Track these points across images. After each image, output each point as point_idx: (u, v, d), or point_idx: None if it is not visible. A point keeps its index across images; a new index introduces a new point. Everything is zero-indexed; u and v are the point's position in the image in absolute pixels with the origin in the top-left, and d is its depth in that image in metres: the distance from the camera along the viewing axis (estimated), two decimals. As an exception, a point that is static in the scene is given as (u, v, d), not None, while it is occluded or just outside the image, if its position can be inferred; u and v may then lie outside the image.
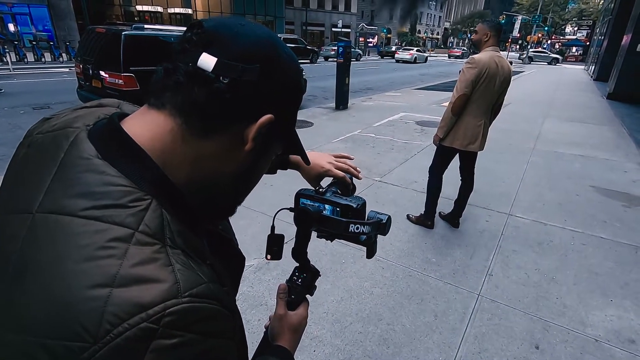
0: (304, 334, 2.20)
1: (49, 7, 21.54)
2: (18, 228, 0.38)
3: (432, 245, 2.90)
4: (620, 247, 2.93)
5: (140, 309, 0.32)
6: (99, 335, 0.31)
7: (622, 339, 2.02)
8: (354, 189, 0.80)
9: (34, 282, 0.34)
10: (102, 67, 5.39)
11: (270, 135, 0.47)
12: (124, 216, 0.37)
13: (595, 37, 25.19)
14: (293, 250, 0.71)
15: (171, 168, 0.43)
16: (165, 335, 0.33)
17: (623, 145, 6.09)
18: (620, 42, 12.60)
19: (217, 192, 0.49)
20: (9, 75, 12.29)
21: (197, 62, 0.41)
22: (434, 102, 9.65)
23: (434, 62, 33.13)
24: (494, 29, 2.63)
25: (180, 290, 0.35)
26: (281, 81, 0.46)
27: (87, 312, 0.32)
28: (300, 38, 26.08)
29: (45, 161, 0.42)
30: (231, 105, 0.42)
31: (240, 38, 0.43)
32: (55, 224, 0.36)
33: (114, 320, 0.32)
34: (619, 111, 9.24)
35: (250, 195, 0.56)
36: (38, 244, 0.36)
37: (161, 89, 0.43)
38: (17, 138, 0.49)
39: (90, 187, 0.38)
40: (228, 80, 0.41)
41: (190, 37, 0.42)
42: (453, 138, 2.79)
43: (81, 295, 0.32)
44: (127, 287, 0.33)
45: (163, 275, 0.35)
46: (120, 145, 0.42)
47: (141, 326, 0.32)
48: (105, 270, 0.33)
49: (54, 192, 0.39)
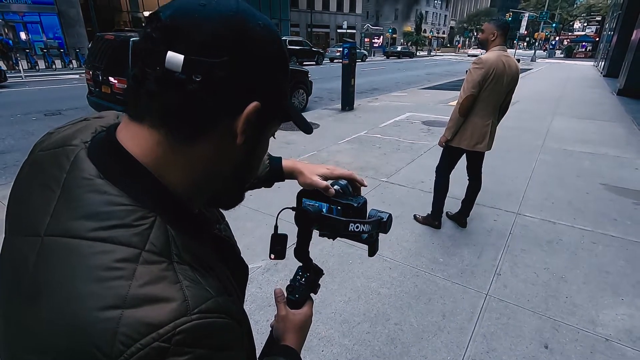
0: (313, 334, 2.20)
1: (59, 15, 21.95)
2: (28, 251, 0.39)
3: (439, 245, 2.90)
4: (632, 245, 2.90)
5: (152, 329, 0.33)
6: (112, 355, 0.32)
7: (633, 338, 2.00)
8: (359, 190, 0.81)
9: (47, 304, 0.35)
10: (111, 73, 5.49)
11: (261, 118, 0.44)
12: (129, 236, 0.37)
13: (604, 32, 24.82)
14: (295, 249, 0.72)
15: (168, 178, 0.43)
16: (176, 352, 0.34)
17: (634, 141, 5.99)
18: (630, 37, 12.41)
19: (219, 188, 0.49)
20: (21, 83, 12.57)
21: (164, 64, 0.37)
22: (441, 102, 9.60)
23: (441, 61, 32.95)
24: (500, 27, 2.62)
25: (189, 307, 0.35)
26: (259, 59, 0.41)
27: (100, 333, 0.33)
28: (305, 40, 26.17)
29: (48, 182, 0.42)
30: (210, 104, 0.39)
31: (204, 23, 0.38)
32: (64, 247, 0.37)
33: (127, 341, 0.32)
34: (630, 107, 9.09)
35: (257, 197, 0.58)
36: (48, 267, 0.37)
37: (135, 98, 0.41)
38: (30, 144, 0.51)
39: (94, 208, 0.38)
40: (201, 77, 0.37)
41: (150, 34, 0.39)
42: (460, 138, 2.78)
43: (93, 317, 0.33)
44: (138, 307, 0.34)
45: (172, 293, 0.35)
46: (119, 162, 0.42)
47: (153, 345, 0.33)
48: (116, 292, 0.34)
49: (60, 215, 0.39)
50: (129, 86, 0.41)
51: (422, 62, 31.31)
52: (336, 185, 0.70)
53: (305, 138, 5.83)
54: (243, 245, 2.75)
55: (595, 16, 47.31)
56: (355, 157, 5.04)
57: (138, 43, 0.41)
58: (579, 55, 41.50)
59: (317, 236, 0.72)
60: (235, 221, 3.21)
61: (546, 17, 37.46)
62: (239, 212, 3.20)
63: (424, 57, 44.02)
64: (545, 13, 36.99)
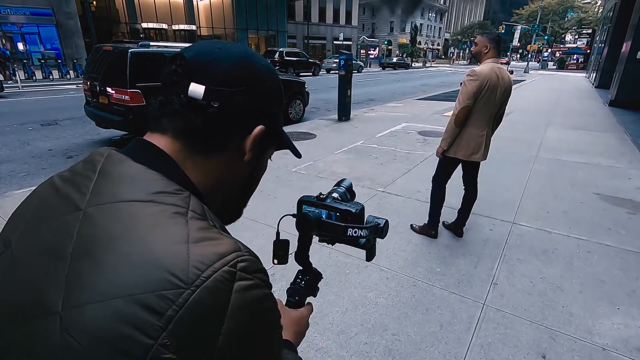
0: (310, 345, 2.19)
1: (57, 27, 22.10)
2: (68, 225, 0.40)
3: (436, 254, 2.91)
4: (626, 255, 2.92)
5: (220, 256, 0.38)
6: (189, 279, 0.35)
7: (630, 348, 2.00)
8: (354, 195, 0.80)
9: (108, 254, 0.37)
10: (109, 84, 5.52)
11: (264, 141, 0.53)
12: (175, 200, 0.42)
13: (595, 45, 25.32)
14: (296, 254, 0.75)
15: (190, 176, 0.48)
16: (242, 277, 0.38)
17: (627, 152, 6.08)
18: (620, 49, 12.66)
19: (226, 199, 0.56)
20: (18, 93, 12.56)
21: (187, 92, 0.46)
22: (436, 112, 9.70)
23: (436, 73, 33.39)
24: (493, 40, 2.68)
25: (241, 247, 0.41)
26: (264, 92, 0.52)
27: (173, 262, 0.36)
28: (302, 51, 26.44)
29: (80, 177, 0.45)
30: (226, 124, 0.49)
31: (221, 62, 0.48)
32: (113, 209, 0.40)
33: (201, 266, 0.36)
34: (622, 118, 9.23)
35: (254, 207, 0.61)
36: (99, 226, 0.39)
37: (159, 116, 0.49)
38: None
39: (136, 181, 0.43)
40: (218, 104, 0.47)
41: (175, 69, 0.47)
42: (456, 148, 2.81)
43: (164, 250, 0.37)
44: (200, 243, 0.38)
45: (222, 237, 0.41)
46: (149, 152, 0.47)
47: (225, 269, 0.37)
48: (178, 233, 0.38)
49: (100, 190, 0.42)
50: (153, 108, 0.50)
51: (418, 73, 31.70)
52: (335, 192, 0.72)
53: (302, 148, 5.82)
54: (240, 255, 2.74)
55: (586, 29, 48.32)
56: (351, 167, 5.06)
57: (163, 77, 0.49)
58: (571, 66, 42.17)
59: (314, 247, 0.73)
60: (232, 231, 3.19)
61: (538, 30, 38.23)
62: (237, 222, 3.19)
63: (419, 68, 44.55)
64: (537, 26, 37.75)
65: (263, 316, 0.41)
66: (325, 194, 0.72)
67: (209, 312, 0.35)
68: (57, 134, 6.88)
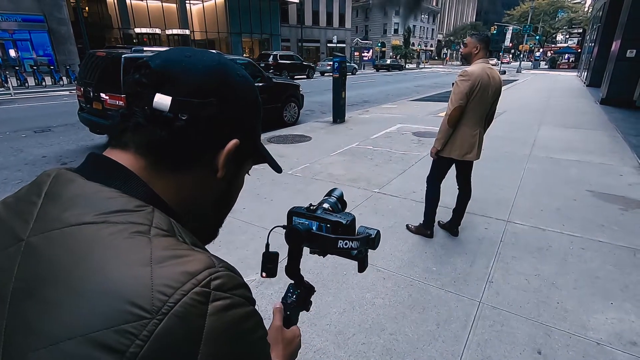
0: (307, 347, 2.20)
1: (49, 33, 21.98)
2: (9, 260, 0.35)
3: (432, 254, 2.93)
4: (619, 250, 2.96)
5: (190, 276, 0.33)
6: (153, 308, 0.30)
7: (623, 342, 2.03)
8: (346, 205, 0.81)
9: (55, 289, 0.32)
10: (102, 90, 5.51)
11: (239, 156, 0.48)
12: (134, 217, 0.37)
13: (586, 44, 25.62)
14: (286, 267, 0.72)
15: (157, 191, 0.43)
16: (217, 297, 0.33)
17: (618, 149, 6.15)
18: (610, 49, 12.84)
19: (200, 217, 0.50)
20: (10, 100, 12.48)
21: (152, 104, 0.41)
22: (430, 113, 9.77)
23: (429, 74, 33.60)
24: (482, 41, 2.72)
25: (215, 262, 0.36)
26: (239, 104, 0.47)
27: (134, 289, 0.31)
28: (296, 54, 26.54)
29: (23, 203, 0.40)
30: (195, 139, 0.43)
31: (190, 71, 0.43)
32: (61, 236, 0.35)
33: (167, 290, 0.31)
34: (613, 116, 9.35)
35: (251, 210, 0.60)
36: (44, 258, 0.34)
37: (121, 131, 0.44)
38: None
39: (88, 201, 0.37)
40: (187, 116, 0.42)
41: (139, 79, 0.43)
42: (450, 148, 2.84)
43: (122, 276, 0.32)
44: (166, 263, 0.33)
45: (192, 253, 0.36)
46: (104, 168, 0.42)
47: (196, 290, 0.32)
48: (138, 255, 0.33)
49: (46, 215, 0.37)
50: (115, 122, 0.44)
51: (411, 75, 31.90)
52: (326, 203, 0.70)
53: (297, 150, 5.88)
54: (237, 258, 2.75)
55: (577, 28, 48.89)
56: (347, 168, 5.08)
57: (126, 87, 0.44)
58: (563, 66, 42.58)
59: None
60: (228, 235, 3.22)
61: (529, 30, 38.58)
62: (232, 225, 3.20)
63: (412, 69, 44.84)
64: (528, 26, 38.12)
65: (245, 338, 0.36)
66: (316, 204, 0.70)
67: (180, 343, 0.31)
68: (50, 141, 6.84)
